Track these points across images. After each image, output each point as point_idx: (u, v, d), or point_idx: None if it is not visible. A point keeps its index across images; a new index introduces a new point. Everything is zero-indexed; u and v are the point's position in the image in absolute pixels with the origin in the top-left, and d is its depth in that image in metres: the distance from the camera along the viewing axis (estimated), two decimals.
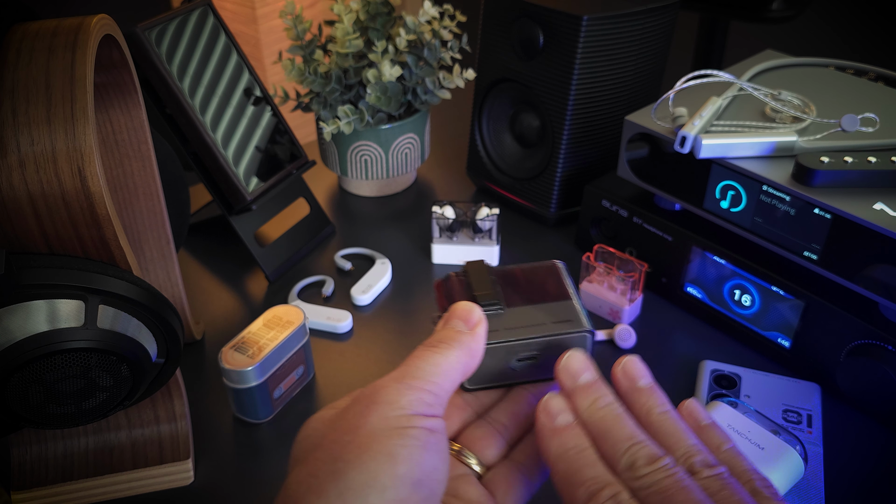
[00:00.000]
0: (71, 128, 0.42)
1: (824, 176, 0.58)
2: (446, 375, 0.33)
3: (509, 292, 0.39)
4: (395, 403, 0.31)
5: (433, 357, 0.33)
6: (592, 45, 0.75)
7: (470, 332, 0.35)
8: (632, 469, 0.32)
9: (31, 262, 0.44)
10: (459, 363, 0.34)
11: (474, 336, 0.35)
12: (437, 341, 0.35)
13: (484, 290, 0.38)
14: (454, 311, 0.36)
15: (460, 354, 0.34)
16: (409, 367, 0.33)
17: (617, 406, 0.35)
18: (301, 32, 0.83)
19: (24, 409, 0.45)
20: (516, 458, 0.37)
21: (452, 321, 0.36)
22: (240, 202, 0.75)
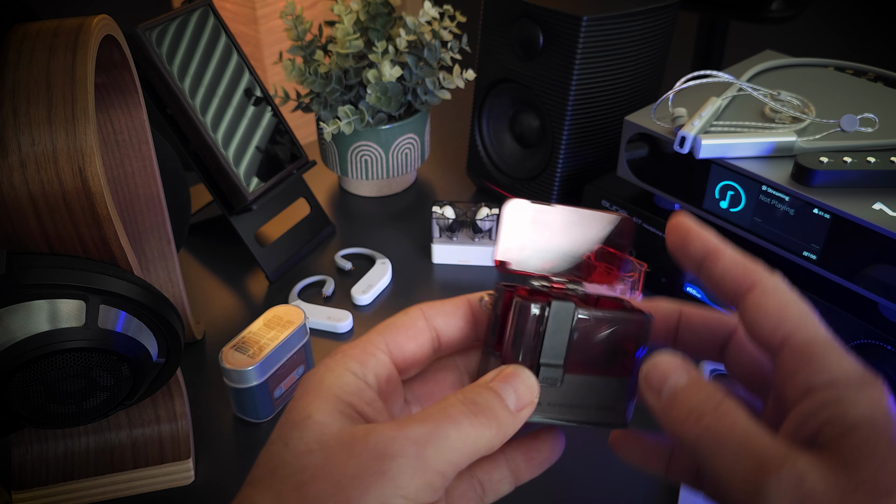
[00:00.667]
0: (72, 128, 0.43)
1: (823, 176, 0.58)
2: (468, 457, 0.29)
3: (577, 352, 0.32)
4: (402, 489, 0.27)
5: (468, 431, 0.28)
6: (592, 45, 0.75)
7: (514, 413, 0.30)
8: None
9: (32, 261, 0.44)
10: (487, 447, 0.29)
11: (515, 420, 0.30)
12: (480, 409, 0.29)
13: (553, 361, 0.32)
14: (513, 379, 0.31)
15: (493, 438, 0.29)
16: (437, 431, 0.28)
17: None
18: (301, 33, 0.83)
19: (24, 408, 0.45)
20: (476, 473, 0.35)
21: (505, 389, 0.30)
22: (240, 202, 0.75)
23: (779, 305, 0.30)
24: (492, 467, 0.35)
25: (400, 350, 0.33)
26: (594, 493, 0.56)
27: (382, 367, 0.32)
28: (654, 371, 0.30)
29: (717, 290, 0.32)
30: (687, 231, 0.32)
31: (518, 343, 0.32)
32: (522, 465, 0.35)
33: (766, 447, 0.26)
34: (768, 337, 0.29)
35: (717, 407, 0.28)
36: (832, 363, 0.28)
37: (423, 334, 0.33)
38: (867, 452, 0.25)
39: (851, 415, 0.26)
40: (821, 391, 0.27)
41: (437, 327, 0.34)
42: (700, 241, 0.32)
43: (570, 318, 0.32)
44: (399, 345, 0.33)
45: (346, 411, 0.30)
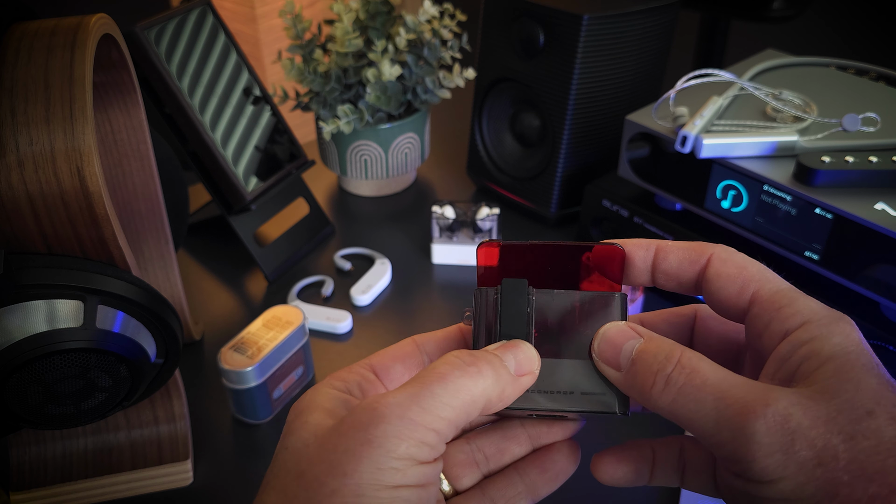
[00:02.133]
0: (70, 127, 0.42)
1: (825, 176, 0.58)
2: (464, 409, 0.28)
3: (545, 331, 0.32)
4: (392, 452, 0.27)
5: (459, 382, 0.28)
6: (593, 44, 0.75)
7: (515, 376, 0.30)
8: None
9: (30, 262, 0.43)
10: (484, 396, 0.29)
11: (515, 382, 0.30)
12: (473, 361, 0.29)
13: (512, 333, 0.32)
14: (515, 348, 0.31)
15: (490, 387, 0.29)
16: (423, 389, 0.28)
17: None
18: (300, 32, 0.83)
19: (22, 409, 0.45)
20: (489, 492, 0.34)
21: (505, 353, 0.30)
22: (239, 202, 0.75)
23: (737, 268, 0.31)
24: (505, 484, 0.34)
25: (385, 370, 0.33)
26: (595, 493, 0.56)
27: (368, 382, 0.32)
28: (605, 344, 0.31)
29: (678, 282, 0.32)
30: (620, 252, 0.33)
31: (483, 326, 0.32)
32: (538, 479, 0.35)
33: (745, 392, 0.27)
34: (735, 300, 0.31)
35: (681, 365, 0.29)
36: (802, 306, 0.29)
37: (410, 358, 0.33)
38: (844, 378, 0.26)
39: (826, 348, 0.27)
40: (795, 333, 0.28)
41: (429, 353, 0.34)
42: (639, 249, 0.33)
43: (524, 292, 0.32)
44: (384, 365, 0.33)
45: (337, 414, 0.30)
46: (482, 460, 0.35)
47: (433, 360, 0.33)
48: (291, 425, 0.30)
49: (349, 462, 0.27)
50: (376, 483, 0.27)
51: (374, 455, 0.27)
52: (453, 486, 0.34)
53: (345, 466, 0.27)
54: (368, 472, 0.27)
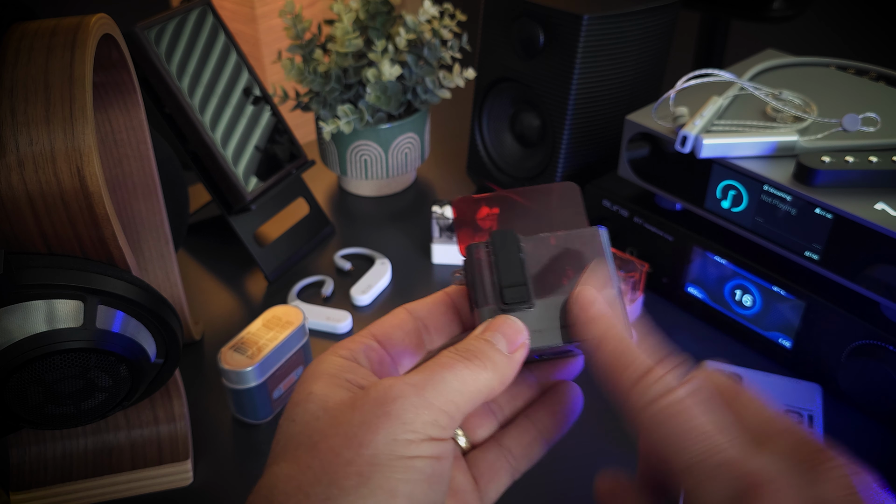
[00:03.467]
0: (70, 127, 0.42)
1: (825, 176, 0.58)
2: (469, 398, 0.30)
3: (540, 273, 0.34)
4: (409, 424, 0.28)
5: (463, 373, 0.30)
6: (593, 44, 0.75)
7: (509, 355, 0.31)
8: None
9: (30, 262, 0.43)
10: (487, 387, 0.30)
11: (511, 361, 0.31)
12: (472, 354, 0.31)
13: (511, 280, 0.33)
14: (500, 326, 0.32)
15: (491, 378, 0.30)
16: (433, 375, 0.30)
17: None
18: (300, 32, 0.83)
19: (22, 409, 0.45)
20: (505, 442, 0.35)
21: (494, 335, 0.32)
22: (239, 202, 0.75)
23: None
24: (519, 432, 0.36)
25: (387, 337, 0.34)
26: None
27: (372, 350, 0.33)
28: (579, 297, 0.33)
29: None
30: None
31: (481, 280, 0.34)
32: (549, 422, 0.36)
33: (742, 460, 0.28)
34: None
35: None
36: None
37: (407, 324, 0.35)
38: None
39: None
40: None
41: (422, 318, 0.35)
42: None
43: (514, 240, 0.34)
44: (385, 333, 0.34)
45: (344, 385, 0.31)
46: (497, 409, 0.36)
47: (427, 325, 0.35)
48: (296, 397, 0.31)
49: (365, 433, 0.28)
50: (391, 453, 0.28)
51: (391, 426, 0.28)
52: (470, 438, 0.36)
53: (361, 437, 0.28)
54: (384, 443, 0.28)
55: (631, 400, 0.30)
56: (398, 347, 0.34)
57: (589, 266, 0.34)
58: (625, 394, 0.30)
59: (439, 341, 0.36)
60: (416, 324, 0.35)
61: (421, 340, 0.35)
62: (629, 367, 0.30)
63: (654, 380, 0.29)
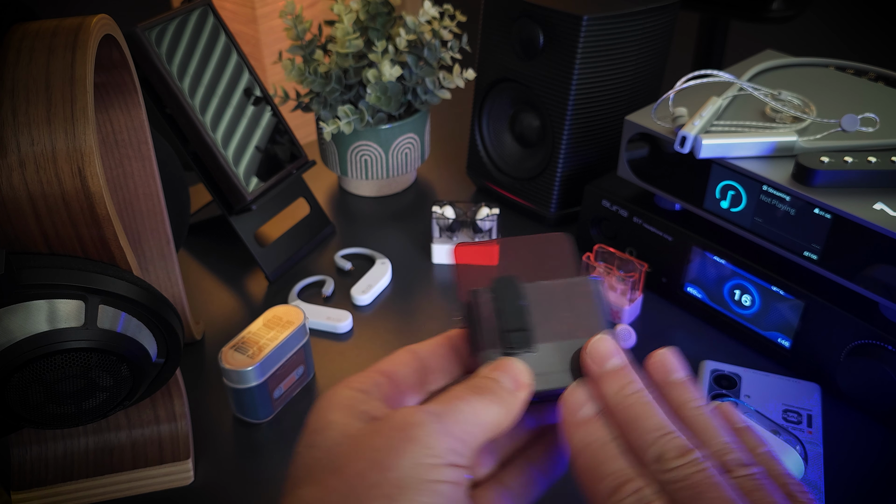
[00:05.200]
0: (71, 128, 0.42)
1: (824, 176, 0.58)
2: (482, 429, 0.31)
3: (539, 320, 0.35)
4: (431, 449, 0.29)
5: (476, 405, 0.31)
6: (592, 45, 0.75)
7: (514, 392, 0.33)
8: (660, 461, 0.30)
9: (31, 262, 0.44)
10: (497, 421, 0.32)
11: (517, 399, 0.33)
12: (483, 389, 0.32)
13: (514, 325, 0.35)
14: (505, 367, 0.33)
15: (500, 413, 0.32)
16: (449, 406, 0.31)
17: (646, 394, 0.33)
18: (301, 32, 0.83)
19: (24, 409, 0.45)
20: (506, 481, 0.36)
21: (500, 375, 0.33)
22: (240, 202, 0.75)
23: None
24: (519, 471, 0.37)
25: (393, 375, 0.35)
26: None
27: (382, 385, 0.34)
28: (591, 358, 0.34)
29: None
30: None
31: (485, 325, 0.35)
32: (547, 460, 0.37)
33: None
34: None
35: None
36: None
37: (411, 364, 0.36)
38: None
39: None
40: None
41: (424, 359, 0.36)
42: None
43: (515, 286, 0.36)
44: (392, 371, 0.35)
45: (360, 415, 0.32)
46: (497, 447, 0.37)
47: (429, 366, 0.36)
48: (314, 425, 0.32)
49: (390, 458, 0.29)
50: (416, 477, 0.29)
51: (415, 451, 0.29)
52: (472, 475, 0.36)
53: (385, 462, 0.29)
54: (409, 467, 0.29)
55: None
56: (403, 385, 0.35)
57: (592, 339, 0.35)
58: (601, 501, 0.30)
59: (441, 381, 0.37)
60: (419, 364, 0.36)
61: (424, 380, 0.36)
62: (606, 479, 0.31)
63: (630, 492, 0.30)
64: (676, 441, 0.31)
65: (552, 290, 0.36)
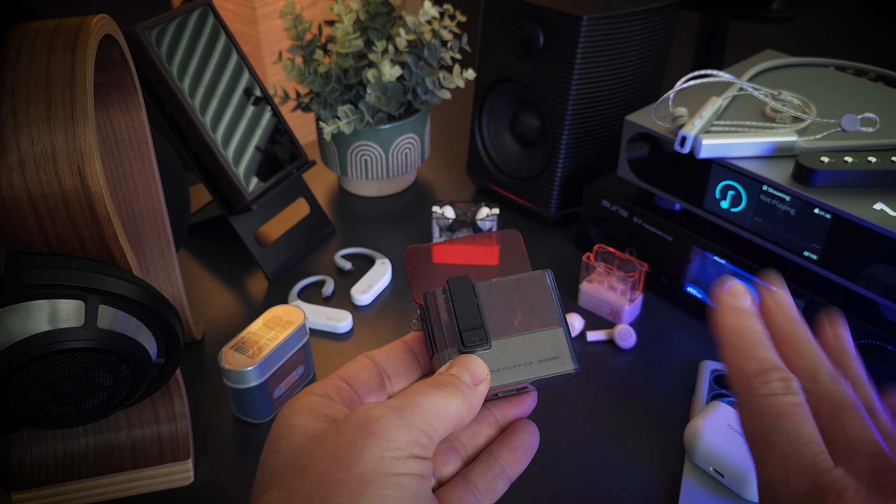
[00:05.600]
0: (71, 128, 0.42)
1: (824, 176, 0.58)
2: (443, 421, 0.32)
3: (494, 316, 0.36)
4: (393, 442, 0.30)
5: (436, 398, 0.32)
6: (592, 45, 0.75)
7: (473, 387, 0.34)
8: (814, 376, 0.32)
9: (32, 262, 0.44)
10: (458, 414, 0.33)
11: (476, 393, 0.34)
12: (442, 384, 0.33)
13: (470, 324, 0.36)
14: (463, 363, 0.35)
15: (460, 405, 0.33)
16: (409, 400, 0.32)
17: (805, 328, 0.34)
18: (301, 32, 0.83)
19: (24, 408, 0.45)
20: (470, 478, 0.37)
21: (459, 371, 0.34)
22: (240, 202, 0.75)
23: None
24: (483, 468, 0.37)
25: (354, 379, 0.36)
26: (592, 493, 0.56)
27: (343, 390, 0.35)
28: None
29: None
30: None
31: (439, 325, 0.36)
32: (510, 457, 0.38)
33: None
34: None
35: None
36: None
37: (370, 368, 0.36)
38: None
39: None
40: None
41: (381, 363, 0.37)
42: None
43: (469, 285, 0.36)
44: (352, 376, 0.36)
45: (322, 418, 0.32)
46: (460, 446, 0.38)
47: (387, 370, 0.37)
48: (277, 431, 0.32)
49: (352, 454, 0.29)
50: (379, 471, 0.29)
51: (377, 445, 0.29)
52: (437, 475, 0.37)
53: (349, 458, 0.29)
54: (371, 461, 0.29)
55: (751, 385, 0.32)
56: (364, 388, 0.36)
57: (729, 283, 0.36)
58: (747, 378, 0.32)
59: (399, 386, 0.37)
60: (378, 369, 0.37)
61: (383, 384, 0.37)
62: (755, 360, 0.32)
63: (778, 378, 0.32)
64: (830, 369, 0.33)
65: (505, 286, 0.37)
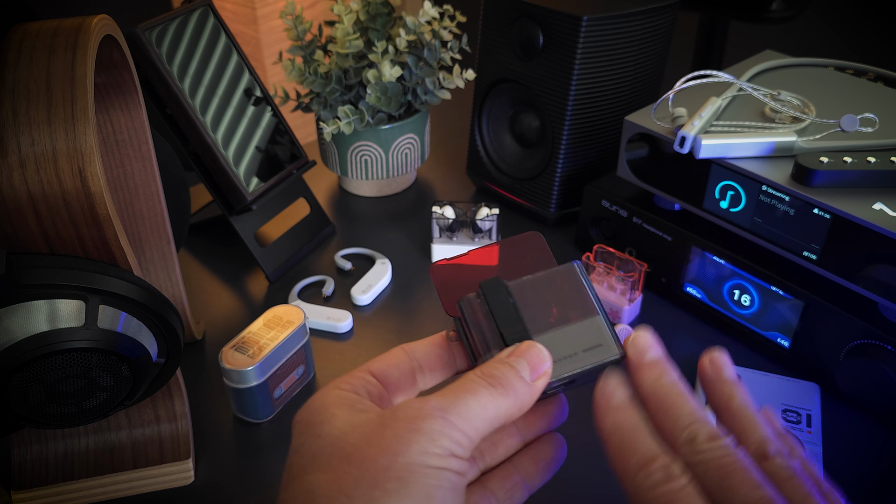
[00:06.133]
0: (71, 128, 0.43)
1: (823, 176, 0.58)
2: (489, 423, 0.32)
3: (531, 313, 0.36)
4: (437, 441, 0.30)
5: (485, 399, 0.32)
6: (592, 45, 0.75)
7: (530, 383, 0.33)
8: (692, 444, 0.31)
9: (32, 262, 0.44)
10: (507, 415, 0.33)
11: (532, 390, 0.33)
12: (497, 381, 0.33)
13: (509, 322, 0.35)
14: (528, 352, 0.34)
15: (511, 406, 0.33)
16: (458, 399, 0.32)
17: (682, 385, 0.34)
18: (301, 33, 0.83)
19: (24, 408, 0.45)
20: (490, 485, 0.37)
21: (519, 361, 0.34)
22: (240, 202, 0.75)
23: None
24: (503, 476, 0.37)
25: (383, 375, 0.36)
26: (592, 492, 0.56)
27: (371, 385, 0.35)
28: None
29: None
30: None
31: (479, 329, 0.36)
32: (532, 469, 0.38)
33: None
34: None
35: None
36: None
37: (403, 364, 0.36)
38: None
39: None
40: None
41: (418, 358, 0.37)
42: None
43: (502, 287, 0.36)
44: (382, 371, 0.36)
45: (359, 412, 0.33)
46: (479, 455, 0.38)
47: (422, 365, 0.36)
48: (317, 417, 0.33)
49: (399, 445, 0.30)
50: (425, 463, 0.30)
51: (422, 441, 0.30)
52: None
53: (395, 448, 0.30)
54: (417, 454, 0.30)
55: (635, 482, 0.31)
56: (393, 385, 0.36)
57: (634, 333, 0.36)
58: (631, 476, 0.31)
59: (433, 381, 0.37)
60: (412, 363, 0.37)
61: (415, 380, 0.37)
62: (636, 455, 0.32)
63: (658, 467, 0.31)
64: (708, 427, 0.32)
65: (537, 283, 0.37)
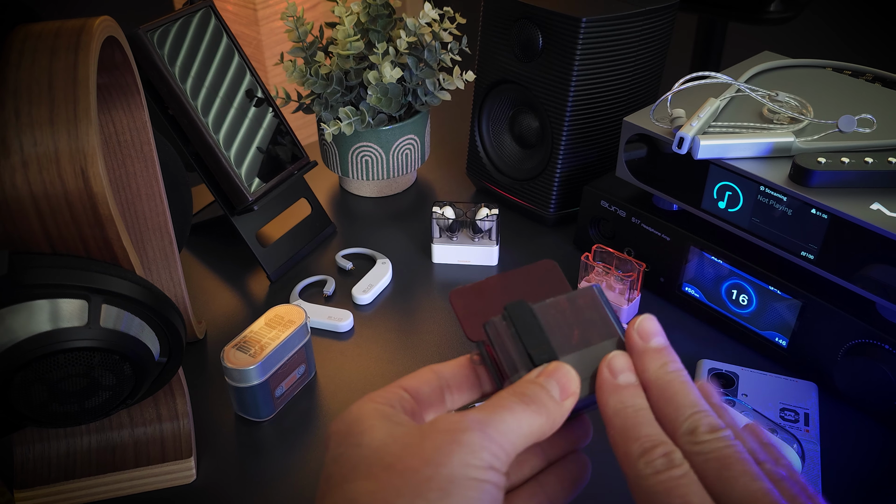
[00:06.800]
0: (74, 129, 0.43)
1: (821, 176, 0.59)
2: (524, 439, 0.33)
3: (555, 335, 0.36)
4: (478, 453, 0.31)
5: (521, 416, 0.33)
6: (591, 46, 0.75)
7: (560, 402, 0.34)
8: (693, 434, 0.32)
9: (34, 261, 0.44)
10: (540, 432, 0.33)
11: (561, 409, 0.34)
12: (530, 399, 0.33)
13: (538, 346, 0.36)
14: (556, 372, 0.35)
15: (543, 424, 0.33)
16: (496, 415, 0.33)
17: (685, 374, 0.34)
18: (302, 34, 0.83)
19: (27, 407, 0.45)
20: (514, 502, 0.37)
21: (549, 381, 0.34)
22: (241, 202, 0.75)
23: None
24: (528, 495, 0.38)
25: (416, 392, 0.36)
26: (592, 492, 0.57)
27: (405, 401, 0.36)
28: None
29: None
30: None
31: (506, 351, 0.36)
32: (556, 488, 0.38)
33: None
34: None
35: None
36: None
37: (433, 382, 0.37)
38: None
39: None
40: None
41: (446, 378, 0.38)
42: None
43: (527, 309, 0.36)
44: (414, 388, 0.37)
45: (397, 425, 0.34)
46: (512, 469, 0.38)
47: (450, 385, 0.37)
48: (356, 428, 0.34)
49: (440, 456, 0.31)
50: (466, 475, 0.30)
51: (463, 453, 0.31)
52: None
53: (437, 459, 0.31)
54: (458, 466, 0.31)
55: (636, 468, 0.32)
56: (425, 402, 0.36)
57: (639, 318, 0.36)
58: (632, 461, 0.32)
59: (460, 402, 0.38)
60: (441, 383, 0.37)
61: (444, 399, 0.37)
62: (639, 440, 0.32)
63: (660, 454, 0.32)
64: (710, 418, 0.32)
65: (558, 306, 0.37)
